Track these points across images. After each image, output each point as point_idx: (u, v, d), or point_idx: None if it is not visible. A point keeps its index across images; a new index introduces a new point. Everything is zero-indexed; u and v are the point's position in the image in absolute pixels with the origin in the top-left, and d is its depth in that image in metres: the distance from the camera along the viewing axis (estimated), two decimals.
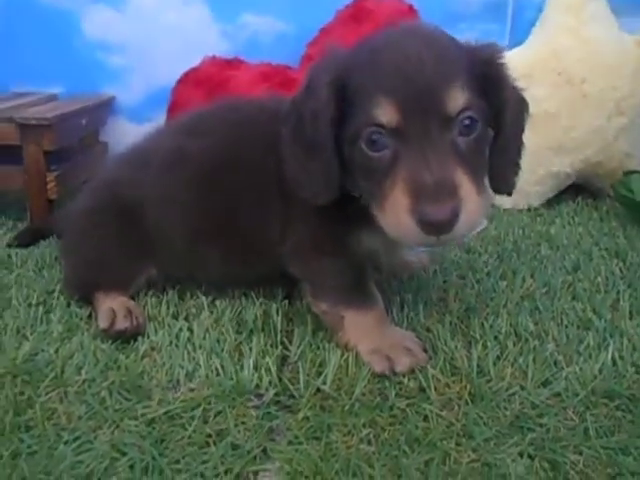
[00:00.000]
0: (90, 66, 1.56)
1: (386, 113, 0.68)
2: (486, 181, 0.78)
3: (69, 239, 1.01)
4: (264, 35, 1.55)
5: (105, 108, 1.55)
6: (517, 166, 0.80)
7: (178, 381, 0.77)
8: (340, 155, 0.74)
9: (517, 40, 1.47)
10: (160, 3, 1.53)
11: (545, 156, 1.38)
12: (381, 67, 0.70)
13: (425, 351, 0.82)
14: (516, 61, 1.37)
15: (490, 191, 0.80)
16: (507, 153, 0.78)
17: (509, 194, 0.81)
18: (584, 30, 1.38)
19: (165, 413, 0.71)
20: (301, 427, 0.69)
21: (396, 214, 0.68)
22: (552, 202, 1.45)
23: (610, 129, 1.37)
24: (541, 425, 0.69)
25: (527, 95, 0.79)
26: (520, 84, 0.78)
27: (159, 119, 1.54)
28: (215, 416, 0.71)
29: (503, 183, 0.80)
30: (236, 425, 0.70)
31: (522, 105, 0.79)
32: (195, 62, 1.48)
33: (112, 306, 0.89)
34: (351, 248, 0.83)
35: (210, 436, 0.68)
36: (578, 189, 1.48)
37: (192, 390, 0.75)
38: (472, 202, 0.67)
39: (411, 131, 0.67)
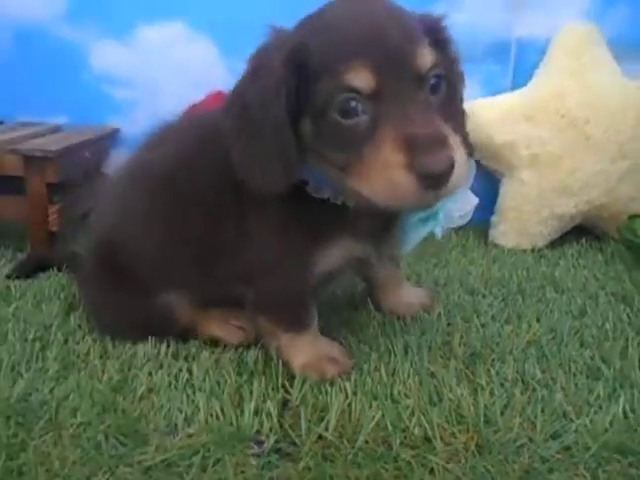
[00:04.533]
0: (96, 99, 1.57)
1: (361, 77, 0.66)
2: None
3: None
4: None
5: (109, 140, 1.56)
6: (465, 134, 0.80)
7: (176, 425, 0.74)
8: (297, 137, 0.71)
9: (520, 82, 1.48)
10: (166, 39, 1.55)
11: (549, 197, 1.38)
12: (346, 32, 0.68)
13: (350, 358, 0.88)
14: (519, 102, 1.42)
15: None
16: (457, 117, 0.78)
17: (470, 155, 0.80)
18: (587, 74, 1.39)
19: (162, 461, 0.68)
20: (302, 477, 0.67)
21: (389, 174, 0.65)
22: (556, 243, 1.44)
23: (614, 172, 1.37)
24: None
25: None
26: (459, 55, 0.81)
27: None
28: (214, 464, 0.68)
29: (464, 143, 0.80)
30: (235, 475, 0.67)
31: (462, 73, 0.82)
32: (200, 97, 1.49)
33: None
34: (311, 268, 0.82)
35: None
36: (582, 231, 1.47)
37: (190, 436, 0.72)
38: (460, 152, 0.67)
39: (388, 93, 0.66)
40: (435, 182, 0.65)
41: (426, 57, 0.69)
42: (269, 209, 0.79)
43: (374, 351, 0.92)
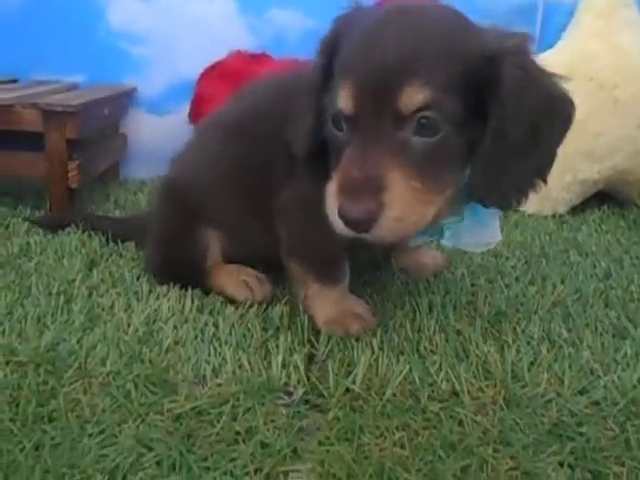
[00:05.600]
0: (113, 56, 1.55)
1: (345, 99, 0.67)
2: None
3: None
4: (291, 31, 1.53)
5: (126, 99, 1.54)
6: (523, 180, 0.71)
7: (204, 376, 0.75)
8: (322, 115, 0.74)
9: (546, 44, 1.45)
10: None
11: (573, 162, 1.36)
12: (354, 48, 0.68)
13: (374, 316, 0.87)
14: (545, 66, 1.37)
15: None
16: (502, 162, 0.68)
17: (501, 208, 0.76)
18: (615, 36, 1.36)
19: (192, 409, 0.68)
20: (332, 427, 0.67)
21: (328, 198, 0.68)
22: (577, 209, 1.43)
23: (639, 137, 1.35)
24: (581, 434, 0.66)
25: None
26: (556, 85, 0.70)
27: (180, 111, 1.53)
28: (244, 413, 0.68)
29: (489, 195, 0.71)
30: (265, 423, 0.67)
31: (544, 110, 0.69)
32: (219, 56, 1.47)
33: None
34: None
35: (239, 434, 0.65)
36: (603, 197, 1.46)
37: (219, 386, 0.73)
38: (397, 208, 0.64)
39: (362, 122, 0.66)
40: (352, 226, 0.65)
41: (412, 96, 0.63)
42: (318, 161, 0.79)
43: (399, 309, 0.92)
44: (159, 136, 1.51)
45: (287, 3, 1.50)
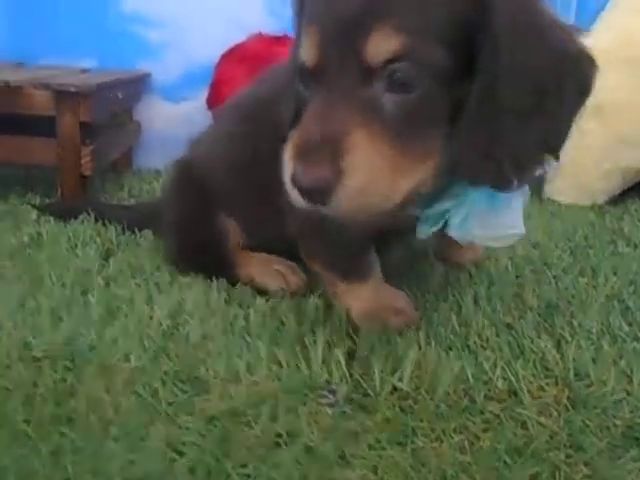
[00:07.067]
0: (126, 40, 1.48)
1: (308, 49, 0.57)
2: None
3: None
4: None
5: (140, 84, 1.47)
6: (525, 153, 0.58)
7: (237, 373, 0.68)
8: None
9: (581, 27, 1.38)
10: None
11: (613, 150, 1.29)
12: None
13: (416, 309, 0.80)
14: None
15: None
16: (494, 130, 0.56)
17: (497, 188, 0.61)
18: None
19: (227, 409, 0.61)
20: (381, 430, 0.60)
21: (284, 162, 0.57)
22: (616, 200, 1.36)
23: None
24: None
25: (596, 85, 0.55)
26: (570, 38, 0.56)
27: (196, 99, 1.47)
28: (285, 414, 0.61)
29: (477, 170, 0.58)
30: (309, 424, 0.60)
31: (552, 69, 0.55)
32: (238, 41, 1.40)
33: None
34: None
35: (280, 436, 0.58)
36: None
37: (256, 383, 0.66)
38: (360, 177, 0.53)
39: (325, 75, 0.56)
40: (306, 197, 0.54)
41: (381, 45, 0.52)
42: None
43: (442, 301, 0.86)
44: (174, 124, 1.44)
45: None
